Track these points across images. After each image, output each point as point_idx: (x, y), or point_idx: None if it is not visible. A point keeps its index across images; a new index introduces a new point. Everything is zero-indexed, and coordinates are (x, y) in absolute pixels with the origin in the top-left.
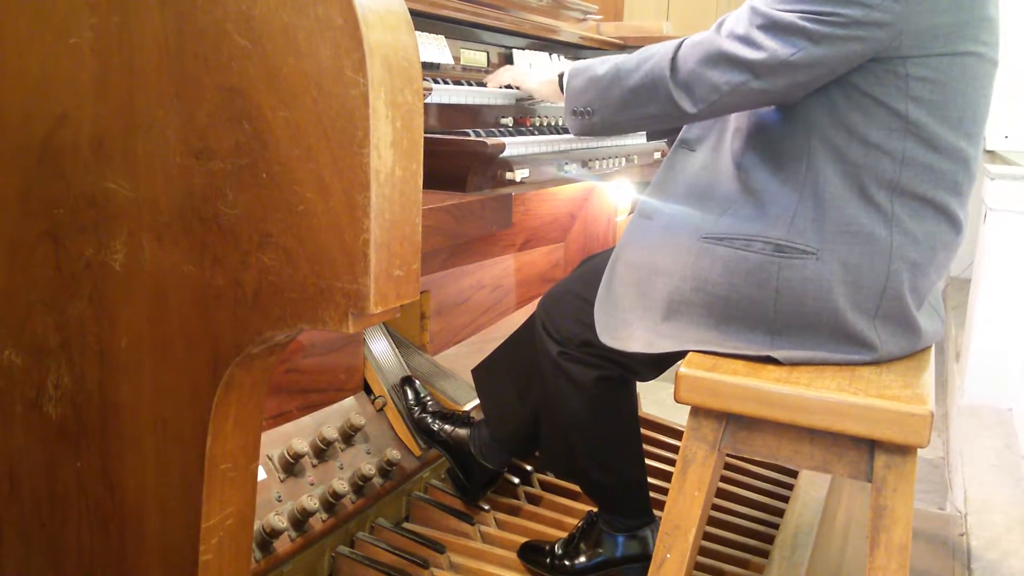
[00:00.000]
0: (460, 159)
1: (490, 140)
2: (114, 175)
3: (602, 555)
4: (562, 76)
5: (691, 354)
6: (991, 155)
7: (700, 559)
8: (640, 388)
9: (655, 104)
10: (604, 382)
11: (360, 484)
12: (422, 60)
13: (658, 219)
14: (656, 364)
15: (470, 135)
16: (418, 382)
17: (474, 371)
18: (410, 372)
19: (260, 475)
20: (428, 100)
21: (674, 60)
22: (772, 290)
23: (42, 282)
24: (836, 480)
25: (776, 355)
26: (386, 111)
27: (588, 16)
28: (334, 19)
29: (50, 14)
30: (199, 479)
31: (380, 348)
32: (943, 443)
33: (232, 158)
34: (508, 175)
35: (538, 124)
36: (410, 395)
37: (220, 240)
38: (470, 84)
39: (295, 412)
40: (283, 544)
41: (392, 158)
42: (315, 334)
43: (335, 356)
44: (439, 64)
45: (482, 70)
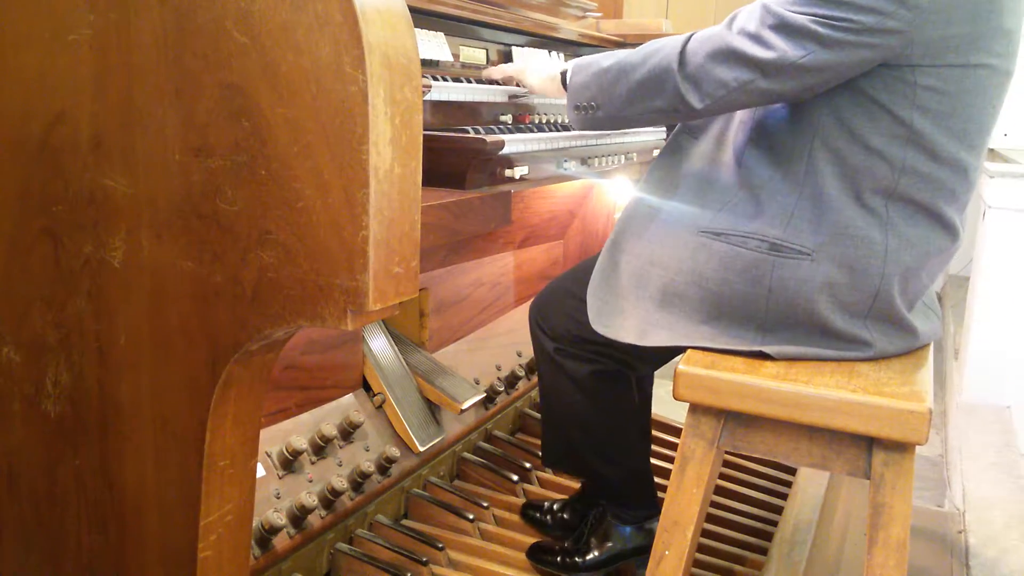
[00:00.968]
0: (459, 156)
1: (489, 137)
2: (113, 172)
3: (612, 548)
4: (564, 73)
5: (689, 351)
6: (990, 153)
7: (699, 556)
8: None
9: (661, 98)
10: (600, 375)
11: (359, 481)
12: (421, 57)
13: (657, 210)
14: (650, 358)
15: (469, 132)
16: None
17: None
18: (409, 369)
19: (259, 472)
20: (427, 97)
21: (683, 54)
22: (765, 288)
23: (41, 279)
24: (835, 477)
25: (768, 350)
26: (385, 108)
27: (588, 13)
28: (333, 16)
29: (49, 11)
30: (198, 476)
31: (379, 345)
32: (942, 441)
33: (231, 155)
34: (507, 172)
35: (537, 121)
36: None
37: (219, 237)
38: (469, 81)
39: (294, 409)
40: (282, 541)
41: (391, 155)
42: (314, 331)
43: (334, 353)
44: (438, 61)
45: (481, 67)
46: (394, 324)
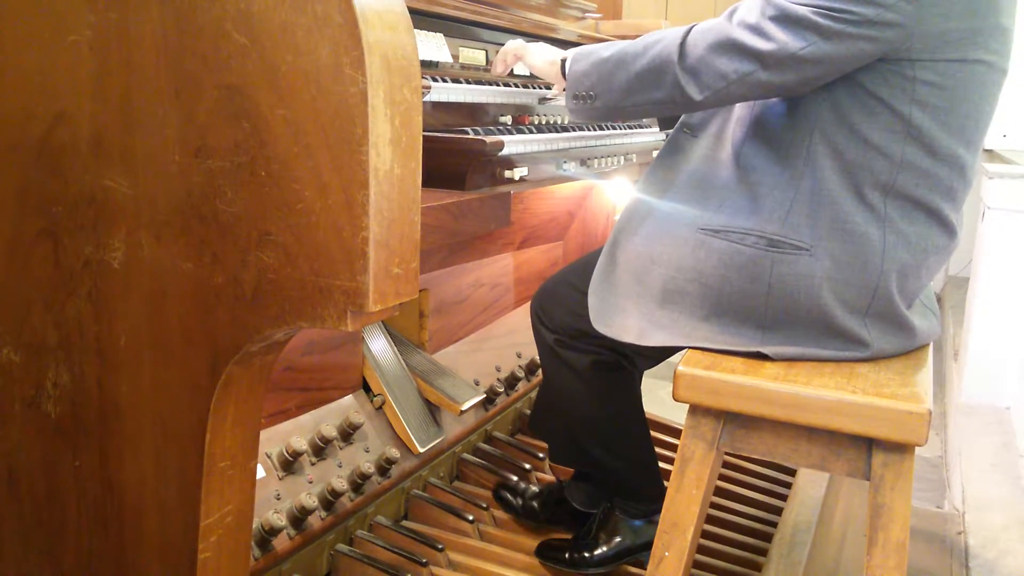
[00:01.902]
0: (459, 157)
1: (489, 138)
2: (113, 173)
3: (621, 542)
4: (565, 61)
5: (689, 352)
6: (989, 154)
7: (698, 557)
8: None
9: (661, 90)
10: (601, 367)
11: (359, 482)
12: (421, 58)
13: (657, 208)
14: (650, 354)
15: (469, 133)
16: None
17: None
18: (409, 370)
19: (259, 473)
20: (427, 98)
21: (683, 45)
22: (764, 285)
23: (41, 280)
24: (834, 478)
25: (766, 351)
26: (385, 109)
27: (587, 14)
28: (333, 17)
29: (49, 12)
30: (198, 477)
31: (379, 346)
32: (941, 441)
33: (231, 156)
34: (507, 173)
35: (537, 122)
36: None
37: (219, 238)
38: (469, 82)
39: (294, 410)
40: (282, 542)
41: (391, 156)
42: (314, 332)
43: (334, 354)
44: (438, 62)
45: (481, 68)
46: (394, 325)
